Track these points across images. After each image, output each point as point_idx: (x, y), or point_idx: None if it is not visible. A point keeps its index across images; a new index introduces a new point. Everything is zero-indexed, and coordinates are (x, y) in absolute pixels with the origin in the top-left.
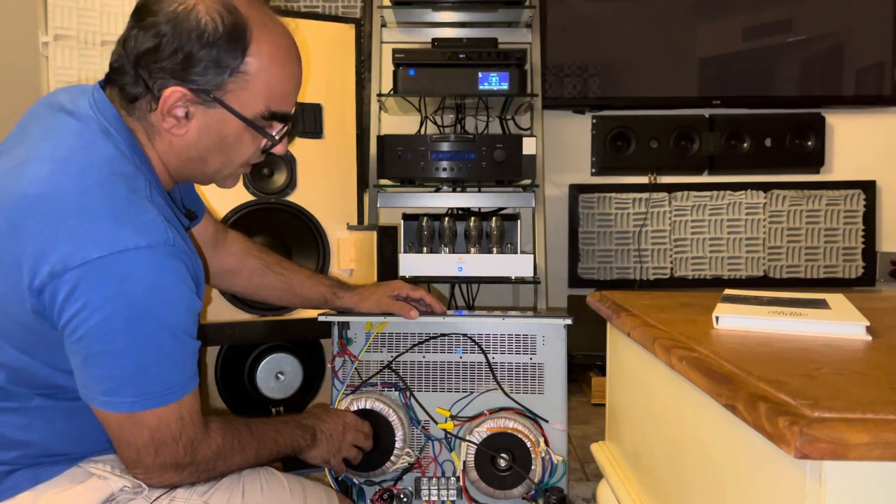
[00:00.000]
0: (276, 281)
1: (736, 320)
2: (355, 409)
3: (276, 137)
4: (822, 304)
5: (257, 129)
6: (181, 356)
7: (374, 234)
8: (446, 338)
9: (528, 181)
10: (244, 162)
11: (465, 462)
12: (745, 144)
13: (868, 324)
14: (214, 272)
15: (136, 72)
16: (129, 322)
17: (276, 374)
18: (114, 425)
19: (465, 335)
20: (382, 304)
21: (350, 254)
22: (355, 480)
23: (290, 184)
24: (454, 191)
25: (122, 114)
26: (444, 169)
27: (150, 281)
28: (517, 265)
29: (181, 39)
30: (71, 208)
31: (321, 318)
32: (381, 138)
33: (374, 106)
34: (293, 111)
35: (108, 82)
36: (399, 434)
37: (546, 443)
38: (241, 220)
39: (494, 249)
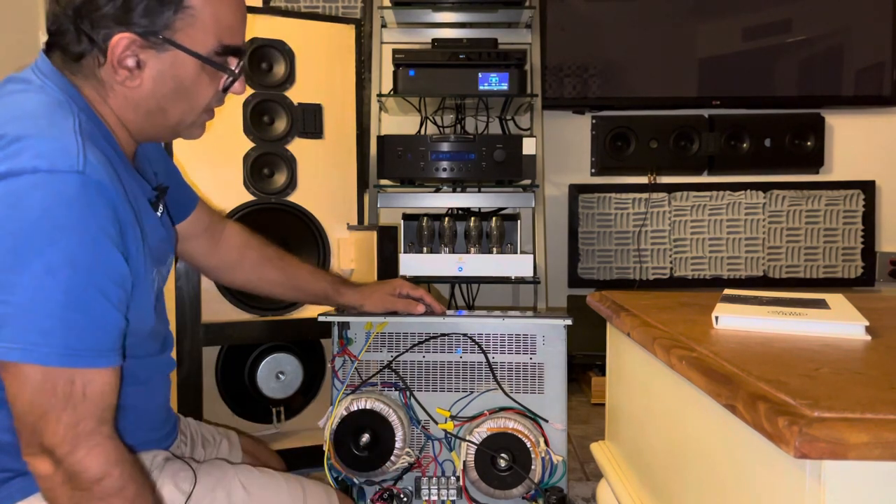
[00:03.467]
0: (277, 274)
1: (736, 320)
2: (355, 409)
3: (236, 71)
4: (821, 304)
5: (216, 66)
6: (86, 313)
7: (375, 234)
8: (446, 338)
9: (528, 181)
10: (206, 106)
11: (465, 462)
12: (745, 145)
13: (867, 324)
14: (215, 266)
15: (76, 27)
16: (15, 253)
17: (277, 374)
18: None
19: (465, 335)
20: (387, 302)
21: (350, 254)
22: (355, 480)
23: (291, 184)
24: (454, 191)
25: (69, 77)
26: (444, 169)
27: (44, 209)
28: (517, 265)
29: None
30: None
31: (321, 318)
32: (381, 138)
33: (375, 106)
34: (244, 45)
35: (49, 49)
36: (399, 434)
37: (546, 443)
38: (241, 220)
39: (494, 249)
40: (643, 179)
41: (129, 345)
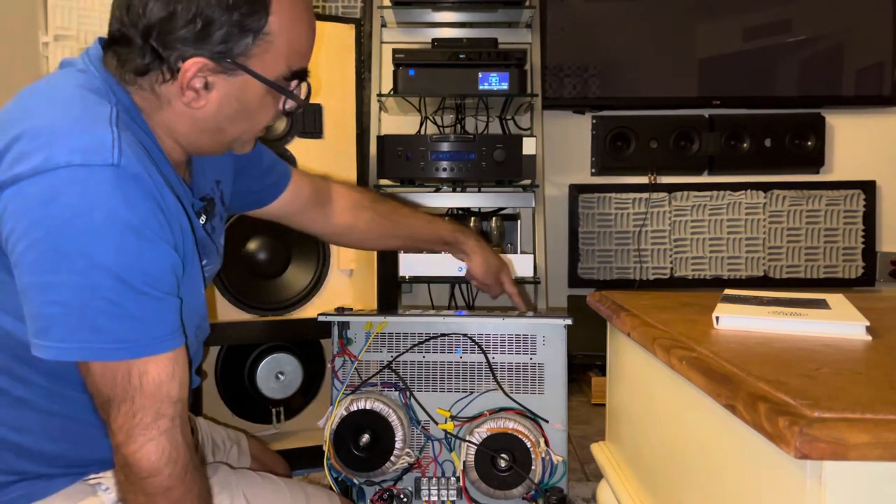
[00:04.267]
0: (395, 228)
1: (736, 320)
2: (355, 409)
3: (301, 96)
4: (821, 304)
5: (282, 91)
6: (134, 306)
7: None
8: (446, 338)
9: (528, 181)
10: (265, 126)
11: (465, 462)
12: (745, 144)
13: (868, 324)
14: (332, 231)
15: (145, 43)
16: (56, 253)
17: (277, 374)
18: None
19: (465, 335)
20: (489, 281)
21: (350, 254)
22: (355, 480)
23: None
24: (454, 191)
25: (130, 90)
26: (444, 169)
27: (80, 206)
28: (517, 265)
29: (199, 4)
30: (16, 120)
31: (321, 318)
32: (381, 138)
33: (374, 106)
34: (308, 64)
35: (106, 49)
36: (399, 434)
37: (546, 443)
38: (241, 220)
39: (495, 249)
40: (643, 179)
41: None
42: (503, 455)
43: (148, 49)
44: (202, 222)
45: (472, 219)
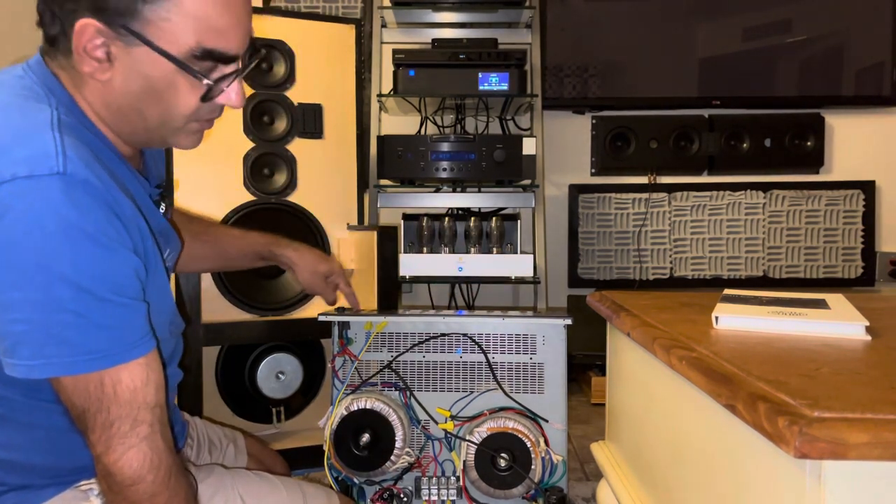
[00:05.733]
0: (205, 249)
1: (736, 320)
2: (355, 409)
3: (213, 80)
4: (821, 304)
5: (188, 71)
6: (98, 315)
7: (375, 234)
8: (446, 338)
9: (528, 181)
10: (187, 114)
11: (465, 462)
12: (745, 145)
13: (868, 324)
14: None
15: (47, 8)
16: (12, 269)
17: (277, 374)
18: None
19: (465, 335)
20: (317, 283)
21: (350, 254)
22: (355, 480)
23: (291, 184)
24: (454, 191)
25: (56, 70)
26: (444, 169)
27: (31, 219)
28: (517, 265)
29: None
30: None
31: (321, 318)
32: (381, 138)
33: (375, 106)
34: (240, 53)
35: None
36: (399, 434)
37: (546, 442)
38: (241, 220)
39: (494, 249)
40: (643, 179)
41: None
42: (503, 454)
43: (49, 15)
44: (162, 210)
45: (472, 219)
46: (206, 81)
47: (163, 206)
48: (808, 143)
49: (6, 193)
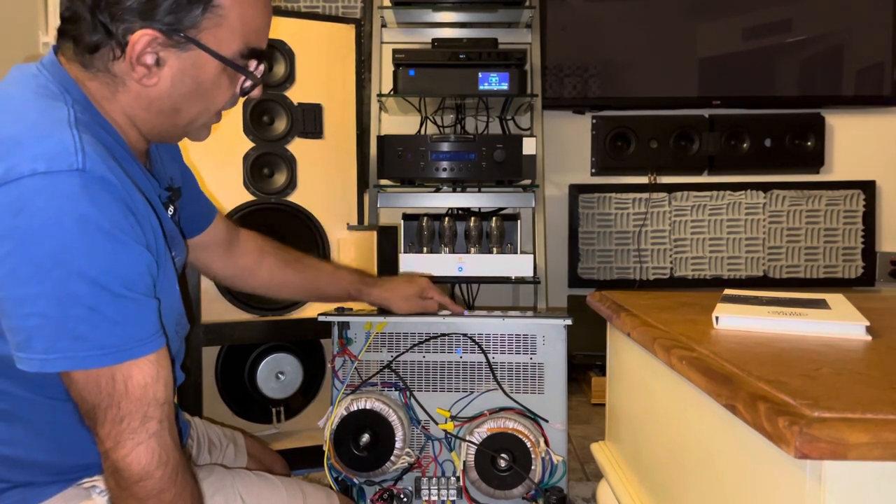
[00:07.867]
0: (297, 277)
1: (736, 320)
2: (355, 409)
3: (258, 76)
4: (821, 304)
5: (238, 69)
6: (112, 311)
7: (375, 234)
8: (446, 338)
9: (528, 181)
10: (221, 108)
11: (465, 462)
12: (745, 144)
13: (868, 324)
14: (232, 274)
15: (93, 17)
16: (29, 264)
17: (277, 374)
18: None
19: (465, 335)
20: (414, 305)
21: (350, 254)
22: (355, 480)
23: (291, 184)
24: (454, 191)
25: (75, 72)
26: (444, 169)
27: (50, 214)
28: (517, 265)
29: None
30: None
31: (321, 318)
32: (381, 138)
33: (374, 106)
34: (266, 47)
35: (61, 36)
36: (399, 434)
37: (546, 443)
38: (241, 221)
39: (494, 249)
40: (643, 179)
41: None
42: (503, 455)
43: (97, 23)
44: (170, 213)
45: (472, 219)
46: (254, 77)
47: (171, 209)
48: (809, 143)
49: (25, 189)
